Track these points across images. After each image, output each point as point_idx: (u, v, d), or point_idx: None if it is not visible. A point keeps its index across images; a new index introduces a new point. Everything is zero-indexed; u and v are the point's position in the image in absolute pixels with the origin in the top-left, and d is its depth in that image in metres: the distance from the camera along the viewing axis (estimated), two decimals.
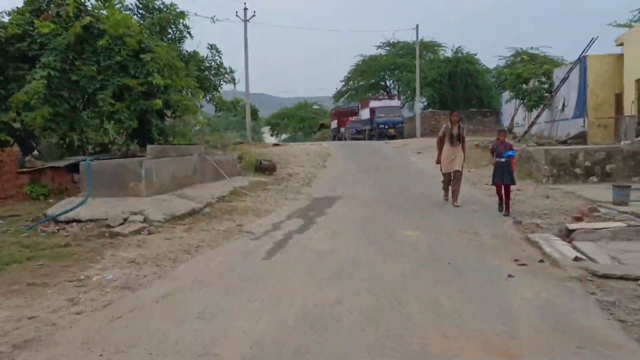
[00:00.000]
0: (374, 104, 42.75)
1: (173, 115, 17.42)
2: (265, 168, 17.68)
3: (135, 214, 10.12)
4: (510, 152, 10.28)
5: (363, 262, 7.02)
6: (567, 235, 8.12)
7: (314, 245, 8.06)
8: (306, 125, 72.69)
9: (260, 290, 5.99)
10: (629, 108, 18.08)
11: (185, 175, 13.02)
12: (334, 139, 53.91)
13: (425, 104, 47.64)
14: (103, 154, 15.17)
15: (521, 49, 51.01)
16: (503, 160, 10.32)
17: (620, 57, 19.83)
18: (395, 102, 43.12)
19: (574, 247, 7.49)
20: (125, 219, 9.95)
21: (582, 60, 20.53)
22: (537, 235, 8.23)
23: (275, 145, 33.04)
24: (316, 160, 22.82)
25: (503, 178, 10.31)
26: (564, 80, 20.39)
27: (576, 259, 6.86)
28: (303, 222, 9.97)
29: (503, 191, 10.32)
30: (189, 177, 13.23)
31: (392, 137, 39.88)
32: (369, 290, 5.83)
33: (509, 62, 53.40)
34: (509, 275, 6.34)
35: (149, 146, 13.58)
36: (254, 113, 63.97)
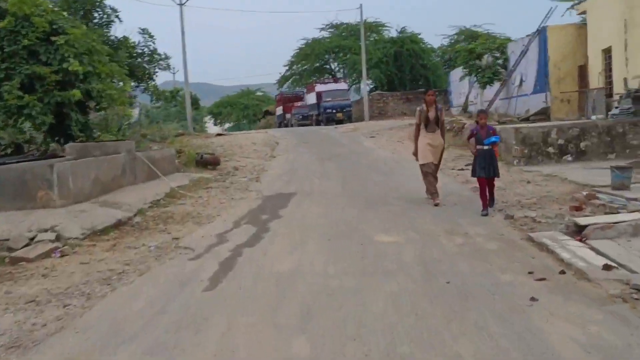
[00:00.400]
0: (320, 88, 41.05)
1: (97, 107, 15.22)
2: (207, 162, 15.76)
3: (46, 231, 8.12)
4: (493, 138, 8.35)
5: (337, 289, 5.33)
6: (578, 232, 6.66)
7: (271, 265, 6.31)
8: (250, 112, 70.51)
9: (202, 347, 4.23)
10: (594, 80, 17.02)
11: (111, 178, 11.00)
12: (279, 126, 52.01)
13: (372, 86, 46.27)
14: (13, 156, 12.89)
15: (464, 27, 50.36)
16: (485, 148, 8.33)
17: (582, 27, 18.78)
18: (342, 85, 41.53)
19: (592, 249, 6.04)
20: (32, 239, 7.94)
21: (541, 32, 19.38)
22: (541, 234, 6.73)
23: (218, 135, 30.91)
24: (264, 150, 21.01)
25: (486, 170, 8.34)
26: (523, 53, 19.24)
27: (606, 267, 5.39)
28: (254, 229, 8.20)
29: (487, 186, 8.48)
30: (117, 179, 11.21)
31: (340, 122, 38.36)
32: (355, 340, 4.15)
33: (452, 41, 52.77)
34: (532, 299, 4.79)
35: (67, 145, 11.48)
36: (195, 102, 61.13)
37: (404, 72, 44.75)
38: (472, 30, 48.93)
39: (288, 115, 49.15)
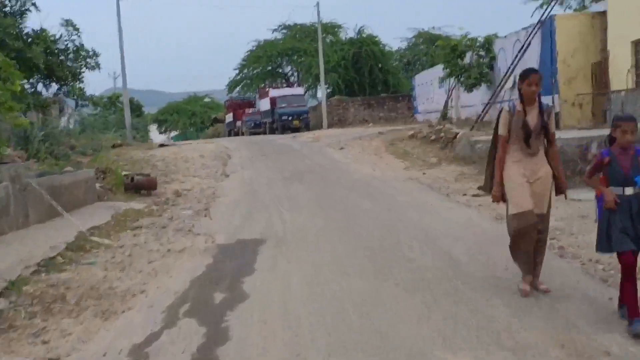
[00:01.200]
0: (274, 93, 37.44)
1: None
2: (140, 186, 11.94)
3: None
4: None
5: None
6: None
7: None
8: (198, 120, 66.30)
9: None
10: (618, 79, 14.07)
11: None
12: (229, 134, 48.08)
13: (329, 91, 42.99)
14: None
15: (423, 29, 47.82)
16: (634, 192, 4.17)
17: (597, 16, 15.87)
18: (298, 90, 38.06)
19: None
20: None
21: (546, 22, 16.33)
22: None
23: (162, 145, 26.92)
24: (214, 166, 17.31)
25: (636, 237, 4.15)
26: (524, 48, 16.22)
27: None
28: (201, 333, 4.53)
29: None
30: None
31: (296, 130, 34.86)
32: None
33: (410, 44, 50.17)
34: None
35: None
36: (138, 109, 56.35)
37: (363, 75, 41.63)
38: (430, 33, 46.44)
39: (239, 123, 45.29)
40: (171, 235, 8.26)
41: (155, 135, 76.47)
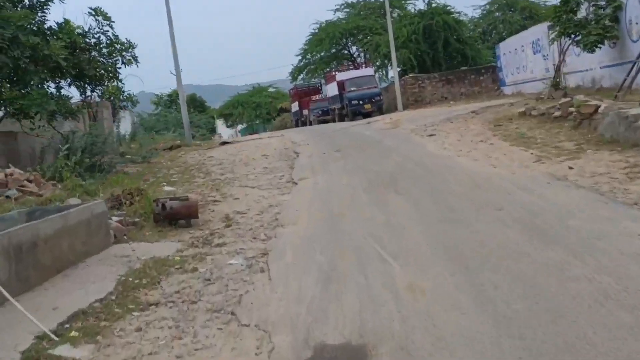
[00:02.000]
0: (342, 76, 33.61)
1: None
2: (174, 215, 8.47)
3: None
4: None
5: None
6: None
7: None
8: (263, 111, 63.43)
9: None
10: None
11: None
12: (297, 124, 44.74)
13: (400, 69, 38.59)
14: None
15: None
16: None
17: None
18: (368, 71, 34.01)
19: None
20: None
21: None
22: None
23: (224, 143, 23.86)
24: (279, 169, 13.78)
25: None
26: None
27: None
28: None
29: None
30: None
31: (368, 114, 30.97)
32: None
33: (484, 12, 44.94)
34: None
35: None
36: (201, 105, 53.98)
37: (437, 49, 36.87)
38: None
39: (305, 112, 41.85)
40: (200, 325, 4.65)
41: (224, 130, 74.58)
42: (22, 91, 13.06)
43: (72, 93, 20.19)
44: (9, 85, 13.45)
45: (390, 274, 5.28)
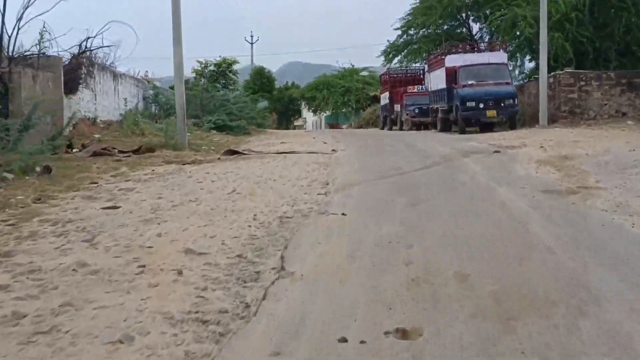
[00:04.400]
0: (454, 60, 21.04)
1: None
2: None
3: None
4: None
5: None
6: None
7: None
8: (353, 98, 51.68)
9: None
10: None
11: None
12: (384, 123, 32.59)
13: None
14: None
15: None
16: None
17: None
18: (499, 56, 21.01)
19: None
20: None
21: None
22: None
23: (232, 153, 12.90)
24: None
25: None
26: None
27: None
28: None
29: None
30: None
31: (489, 126, 18.57)
32: None
33: None
34: None
35: None
36: (268, 82, 42.58)
37: (611, 36, 23.16)
38: None
39: (398, 107, 29.61)
40: None
41: (308, 116, 63.50)
42: None
43: None
44: None
45: None
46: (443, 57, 21.62)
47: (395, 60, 32.43)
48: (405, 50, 31.75)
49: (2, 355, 2.68)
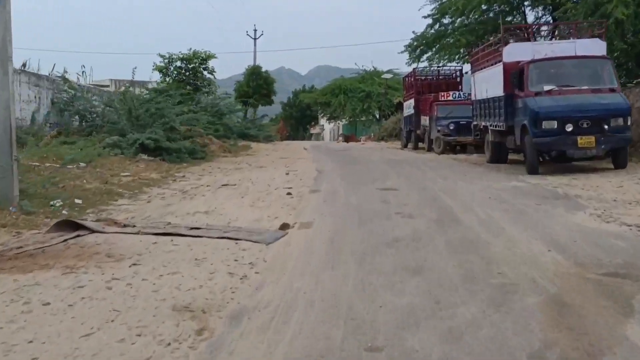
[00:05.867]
0: (519, 51, 12.96)
1: None
2: None
3: None
4: None
5: None
6: None
7: None
8: (374, 104, 43.92)
9: None
10: None
11: None
12: (408, 139, 24.66)
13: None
14: None
15: None
16: None
17: None
18: (594, 45, 12.79)
19: None
20: None
21: None
22: None
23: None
24: None
25: None
26: None
27: None
28: None
29: None
30: None
31: (574, 160, 10.53)
32: None
33: None
34: None
35: None
36: (266, 85, 34.74)
37: None
38: None
39: (426, 120, 21.61)
40: None
41: (327, 124, 55.87)
42: None
43: None
44: None
45: None
46: (500, 49, 13.55)
47: (424, 57, 24.22)
48: (438, 45, 23.56)
49: None
